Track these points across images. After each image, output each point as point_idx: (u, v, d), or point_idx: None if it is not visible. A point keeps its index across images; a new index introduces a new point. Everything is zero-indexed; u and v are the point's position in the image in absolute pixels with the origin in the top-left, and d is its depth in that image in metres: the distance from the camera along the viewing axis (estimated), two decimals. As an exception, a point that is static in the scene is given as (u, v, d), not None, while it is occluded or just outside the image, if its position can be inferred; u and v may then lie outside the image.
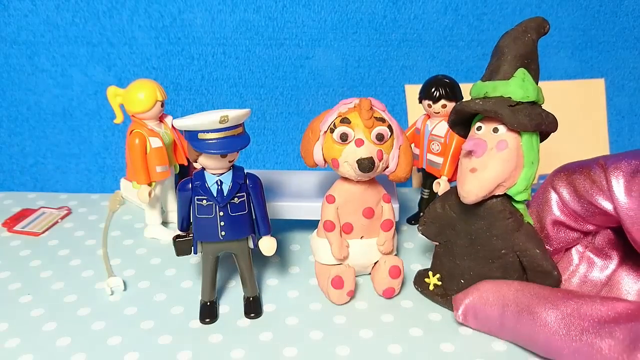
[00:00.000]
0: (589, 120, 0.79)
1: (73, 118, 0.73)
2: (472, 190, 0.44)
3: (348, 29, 0.73)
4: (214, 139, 0.42)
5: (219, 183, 0.44)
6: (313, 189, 0.63)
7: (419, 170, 0.67)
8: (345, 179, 0.50)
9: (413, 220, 0.66)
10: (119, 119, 0.58)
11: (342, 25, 0.73)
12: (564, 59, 0.78)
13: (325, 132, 0.47)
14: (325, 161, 0.49)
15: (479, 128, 0.45)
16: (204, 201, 0.45)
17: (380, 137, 0.46)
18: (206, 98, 0.74)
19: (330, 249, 0.50)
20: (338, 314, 0.48)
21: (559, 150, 0.78)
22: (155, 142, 0.57)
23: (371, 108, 0.46)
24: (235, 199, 0.45)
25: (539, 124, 0.42)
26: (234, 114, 0.42)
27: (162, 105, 0.58)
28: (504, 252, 0.46)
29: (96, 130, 0.74)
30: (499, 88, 0.43)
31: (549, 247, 0.48)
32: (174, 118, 0.60)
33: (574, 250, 0.48)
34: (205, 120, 0.41)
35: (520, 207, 0.46)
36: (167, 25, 0.70)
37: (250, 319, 0.47)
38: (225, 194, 0.45)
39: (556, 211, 0.47)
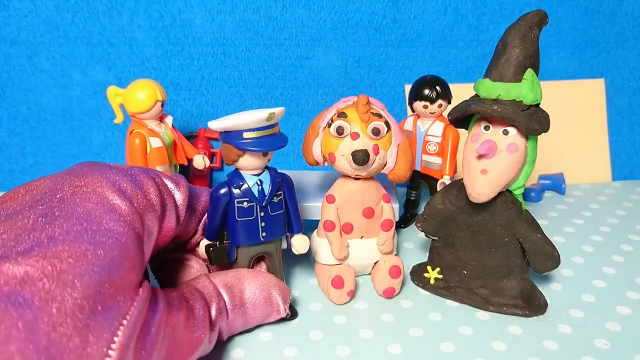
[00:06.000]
0: (589, 120, 0.79)
1: (73, 118, 0.73)
2: (484, 192, 0.44)
3: (348, 29, 0.73)
4: (258, 137, 0.42)
5: (259, 183, 0.44)
6: (313, 189, 0.63)
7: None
8: (346, 178, 0.50)
9: (402, 224, 0.65)
10: (119, 119, 0.58)
11: (342, 25, 0.73)
12: (564, 59, 0.78)
13: (324, 128, 0.48)
14: (324, 158, 0.49)
15: (486, 127, 0.45)
16: (245, 203, 0.44)
17: (376, 132, 0.46)
18: (206, 98, 0.74)
19: (330, 249, 0.50)
20: (338, 314, 0.48)
21: (559, 150, 0.78)
22: (155, 142, 0.57)
23: (368, 103, 0.46)
24: (275, 198, 0.45)
25: (545, 127, 0.43)
26: (278, 111, 0.43)
27: (162, 105, 0.58)
28: (507, 240, 0.47)
29: (96, 130, 0.74)
30: (511, 91, 0.43)
31: None
32: (174, 118, 0.60)
33: None
34: (254, 118, 0.41)
35: (518, 196, 0.47)
36: (167, 25, 0.70)
37: (287, 319, 0.47)
38: (266, 194, 0.44)
39: None
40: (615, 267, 0.56)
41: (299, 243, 0.47)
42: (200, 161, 0.61)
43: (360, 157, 0.45)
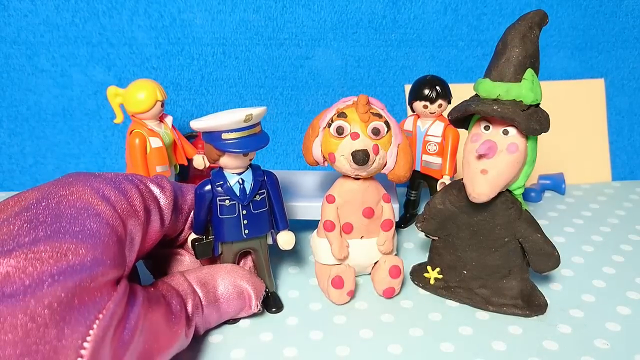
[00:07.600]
0: (589, 120, 0.79)
1: (73, 118, 0.73)
2: (484, 192, 0.44)
3: (348, 29, 0.73)
4: (238, 138, 0.42)
5: (241, 182, 0.45)
6: (313, 189, 0.63)
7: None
8: (346, 178, 0.50)
9: (402, 224, 0.65)
10: (119, 119, 0.58)
11: (342, 25, 0.73)
12: (564, 59, 0.78)
13: (324, 128, 0.48)
14: (324, 158, 0.49)
15: (486, 127, 0.45)
16: (227, 201, 0.45)
17: (376, 132, 0.46)
18: (206, 98, 0.74)
19: (330, 249, 0.50)
20: (338, 314, 0.48)
21: (559, 150, 0.78)
22: (155, 142, 0.57)
23: (368, 103, 0.47)
24: (257, 196, 0.46)
25: (545, 127, 0.43)
26: (257, 112, 0.42)
27: (162, 105, 0.58)
28: (507, 240, 0.47)
29: (96, 130, 0.74)
30: (511, 91, 0.43)
31: None
32: (174, 118, 0.60)
33: None
34: (230, 120, 0.41)
35: (518, 196, 0.47)
36: (167, 25, 0.70)
37: (272, 313, 0.48)
38: (247, 192, 0.45)
39: None
40: (615, 267, 0.56)
41: (284, 239, 0.48)
42: (200, 161, 0.60)
43: (360, 157, 0.45)
